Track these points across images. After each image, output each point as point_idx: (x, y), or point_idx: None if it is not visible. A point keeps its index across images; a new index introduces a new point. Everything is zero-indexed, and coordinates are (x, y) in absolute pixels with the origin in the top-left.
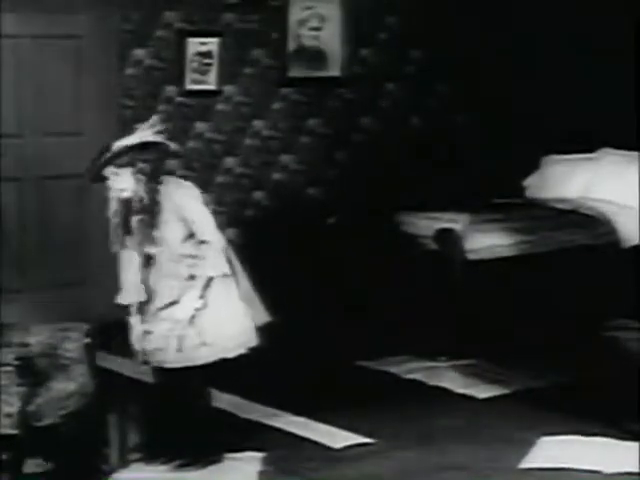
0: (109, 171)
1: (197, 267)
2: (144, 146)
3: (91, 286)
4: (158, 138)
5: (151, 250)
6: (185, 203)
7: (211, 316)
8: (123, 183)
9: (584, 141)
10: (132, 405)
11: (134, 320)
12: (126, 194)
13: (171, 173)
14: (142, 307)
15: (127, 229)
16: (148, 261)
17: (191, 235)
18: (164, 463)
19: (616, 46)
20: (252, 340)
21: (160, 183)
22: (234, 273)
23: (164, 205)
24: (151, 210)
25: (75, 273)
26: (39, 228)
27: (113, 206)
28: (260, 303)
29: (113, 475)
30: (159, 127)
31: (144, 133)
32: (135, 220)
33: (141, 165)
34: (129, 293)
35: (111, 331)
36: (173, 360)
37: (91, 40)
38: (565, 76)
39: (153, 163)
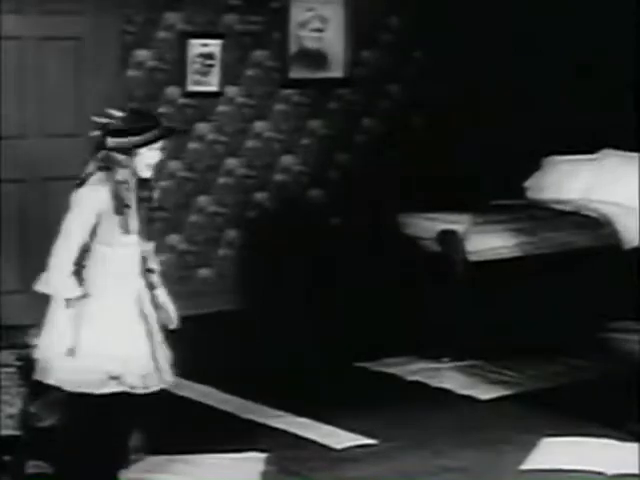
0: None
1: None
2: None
3: None
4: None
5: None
6: None
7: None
8: (156, 158)
9: (586, 142)
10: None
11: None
12: (148, 174)
13: (173, 174)
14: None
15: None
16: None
17: None
18: None
19: (617, 46)
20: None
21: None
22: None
23: None
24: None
25: None
26: (41, 229)
27: (131, 183)
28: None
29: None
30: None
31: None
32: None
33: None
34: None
35: None
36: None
37: (93, 42)
38: (567, 76)
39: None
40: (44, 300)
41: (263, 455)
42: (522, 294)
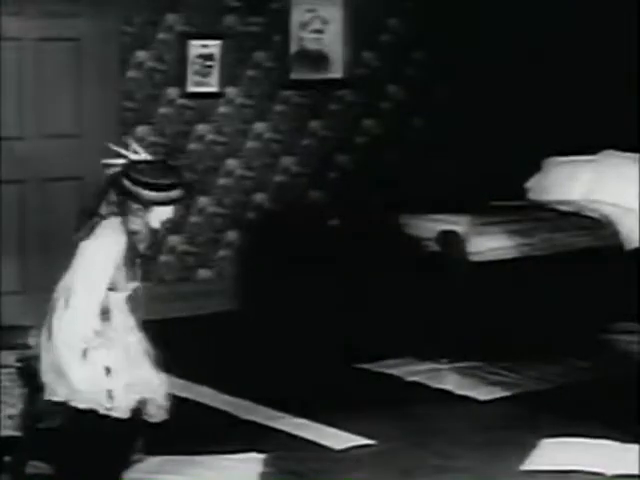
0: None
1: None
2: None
3: None
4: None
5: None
6: None
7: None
8: (169, 214)
9: (587, 143)
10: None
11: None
12: (158, 226)
13: None
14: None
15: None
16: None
17: None
18: None
19: (618, 46)
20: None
21: None
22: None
23: None
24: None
25: None
26: (40, 230)
27: (144, 234)
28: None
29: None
30: None
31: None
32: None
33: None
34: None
35: None
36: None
37: (92, 43)
38: (567, 77)
39: None
40: (44, 301)
41: (262, 456)
42: (522, 295)
